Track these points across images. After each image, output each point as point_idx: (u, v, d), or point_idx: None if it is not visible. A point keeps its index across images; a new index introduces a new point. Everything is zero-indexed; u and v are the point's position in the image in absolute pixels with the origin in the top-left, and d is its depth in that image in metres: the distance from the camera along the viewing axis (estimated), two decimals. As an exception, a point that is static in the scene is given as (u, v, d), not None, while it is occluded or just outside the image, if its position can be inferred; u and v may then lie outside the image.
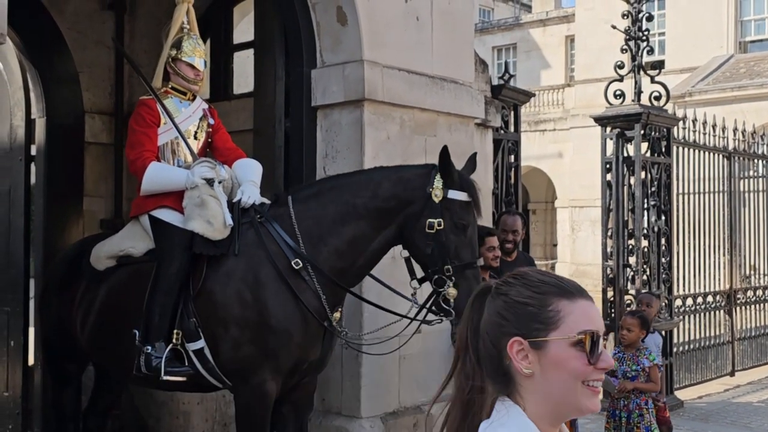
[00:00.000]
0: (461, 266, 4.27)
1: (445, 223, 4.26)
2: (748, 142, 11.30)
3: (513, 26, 33.07)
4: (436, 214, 4.26)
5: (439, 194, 4.27)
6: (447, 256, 4.25)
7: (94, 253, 4.85)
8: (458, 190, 4.31)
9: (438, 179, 4.31)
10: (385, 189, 4.40)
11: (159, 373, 4.28)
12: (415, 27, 6.01)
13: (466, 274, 4.28)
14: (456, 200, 4.30)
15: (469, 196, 4.34)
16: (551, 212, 29.95)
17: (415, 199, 4.32)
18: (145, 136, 4.60)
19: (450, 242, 4.26)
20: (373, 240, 4.40)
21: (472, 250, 4.36)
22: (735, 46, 23.58)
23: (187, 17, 4.88)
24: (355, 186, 4.47)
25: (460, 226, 4.29)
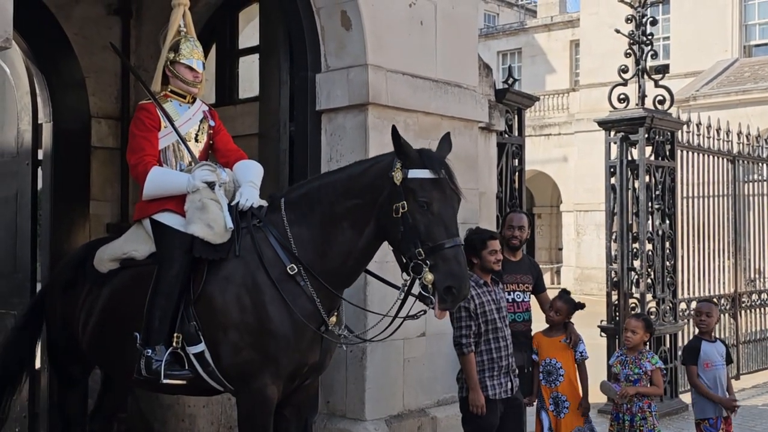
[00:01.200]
0: (434, 247, 4.02)
1: (408, 205, 4.07)
2: (753, 146, 11.31)
3: (518, 31, 33.11)
4: (399, 197, 4.09)
5: (399, 176, 4.11)
6: (417, 239, 4.04)
7: (97, 255, 4.87)
8: (419, 168, 4.12)
9: (397, 161, 4.17)
10: (361, 182, 4.30)
11: (159, 376, 4.28)
12: (419, 31, 6.04)
13: (442, 255, 4.02)
14: (417, 179, 4.09)
15: (433, 172, 4.11)
16: (556, 216, 29.95)
17: (383, 187, 4.19)
18: (145, 140, 4.60)
19: (417, 223, 4.05)
20: (359, 238, 4.30)
21: (444, 227, 4.07)
22: (740, 50, 23.58)
23: (183, 20, 4.88)
24: (337, 185, 4.39)
25: (423, 204, 4.05)
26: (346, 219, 4.31)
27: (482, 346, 5.31)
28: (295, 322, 4.26)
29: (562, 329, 6.01)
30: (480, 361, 5.31)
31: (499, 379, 5.33)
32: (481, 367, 5.31)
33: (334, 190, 4.39)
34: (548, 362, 5.96)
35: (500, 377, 5.33)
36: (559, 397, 5.92)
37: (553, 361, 5.95)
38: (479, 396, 5.24)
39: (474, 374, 5.28)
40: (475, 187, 6.41)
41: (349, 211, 4.30)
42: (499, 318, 5.37)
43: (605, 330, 8.74)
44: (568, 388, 5.92)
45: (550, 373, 5.95)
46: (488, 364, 5.32)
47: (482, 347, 5.31)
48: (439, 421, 6.02)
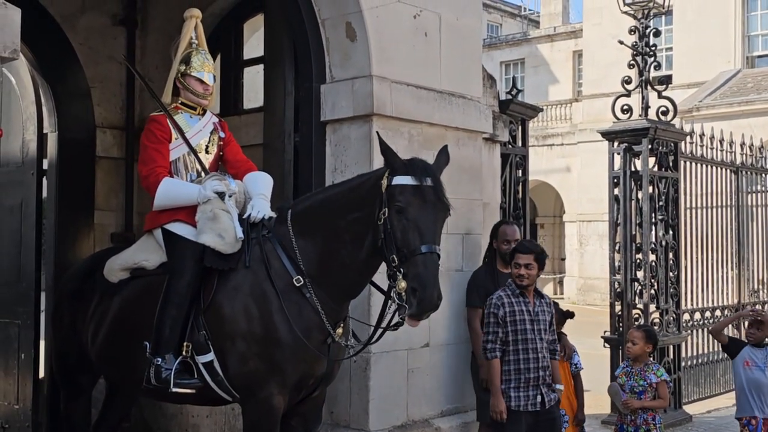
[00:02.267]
0: (407, 254, 3.92)
1: (389, 211, 4.02)
2: (756, 157, 11.31)
3: (521, 41, 33.18)
4: (382, 205, 4.07)
5: (385, 183, 4.09)
6: (394, 245, 3.97)
7: (108, 265, 4.90)
8: (402, 175, 4.05)
9: (386, 170, 4.16)
10: (359, 195, 4.30)
11: (168, 385, 4.30)
12: (423, 43, 6.07)
13: (414, 260, 3.90)
14: (398, 185, 4.03)
15: (415, 179, 4.02)
16: (559, 226, 29.94)
17: (375, 197, 4.17)
18: (156, 152, 4.65)
19: (395, 229, 3.98)
20: (359, 252, 4.28)
21: (419, 233, 3.94)
22: (742, 61, 23.61)
23: (195, 32, 4.92)
24: (339, 198, 4.41)
25: (398, 209, 3.98)
26: (347, 232, 4.30)
27: (510, 356, 5.28)
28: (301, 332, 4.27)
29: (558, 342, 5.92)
30: (506, 370, 5.29)
31: (525, 391, 5.27)
32: (507, 377, 5.28)
33: (336, 203, 4.40)
34: None
35: (527, 389, 5.27)
36: None
37: None
38: (499, 402, 5.24)
39: (496, 380, 5.27)
40: (479, 198, 6.43)
41: (350, 225, 4.29)
42: (532, 330, 5.31)
43: (608, 341, 8.73)
44: (565, 402, 5.86)
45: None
46: (514, 375, 5.28)
47: (510, 357, 5.29)
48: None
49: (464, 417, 6.17)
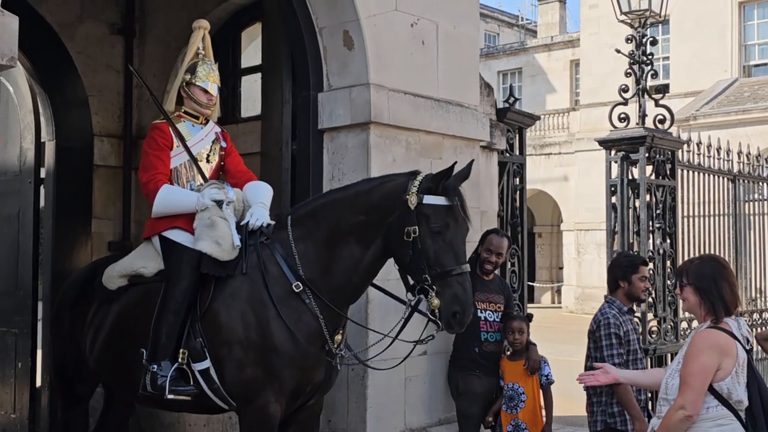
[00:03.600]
0: (442, 273, 4.13)
1: (420, 230, 4.15)
2: (753, 165, 11.32)
3: (518, 51, 33.26)
4: (412, 222, 4.17)
5: (414, 200, 4.19)
6: (426, 264, 4.14)
7: (106, 273, 4.90)
8: (435, 195, 4.21)
9: (414, 185, 4.24)
10: (369, 201, 4.37)
11: (163, 392, 4.30)
12: (420, 51, 6.08)
13: (448, 282, 4.13)
14: (432, 205, 4.19)
15: (448, 200, 4.21)
16: (557, 235, 29.96)
17: (394, 209, 4.26)
18: (157, 159, 4.66)
19: (428, 248, 4.14)
20: (363, 255, 4.36)
21: (454, 254, 4.19)
22: (739, 70, 23.68)
23: (202, 43, 4.96)
24: (344, 201, 4.46)
25: (436, 231, 4.15)
26: (351, 235, 4.36)
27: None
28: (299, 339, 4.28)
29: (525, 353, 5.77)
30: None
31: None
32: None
33: (340, 206, 4.44)
34: (510, 387, 5.74)
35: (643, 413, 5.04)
36: (519, 424, 5.67)
37: (515, 386, 5.73)
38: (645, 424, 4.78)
39: (635, 403, 4.97)
40: (476, 206, 6.42)
41: (355, 228, 4.35)
42: (640, 349, 5.22)
43: (607, 349, 8.71)
44: (529, 416, 5.69)
45: (511, 398, 5.72)
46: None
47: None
48: (441, 440, 6.00)
49: (462, 426, 6.16)
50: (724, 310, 3.81)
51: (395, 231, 4.24)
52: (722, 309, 3.80)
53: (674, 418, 3.71)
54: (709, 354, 3.72)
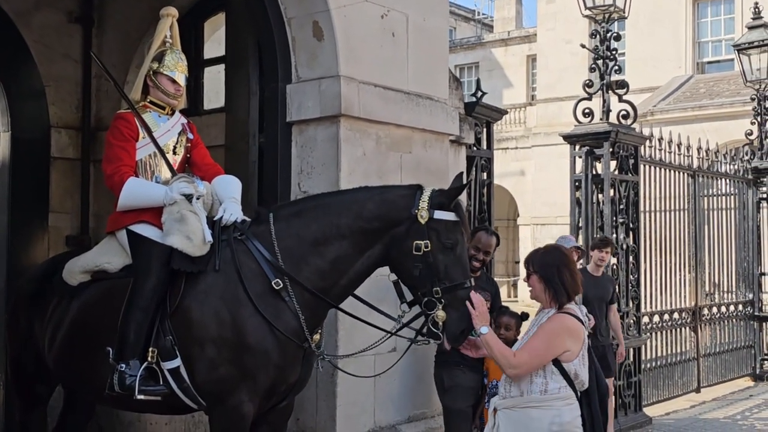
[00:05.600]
0: (451, 287, 4.16)
1: (432, 245, 4.17)
2: (712, 161, 11.46)
3: (475, 45, 33.34)
4: (422, 236, 4.18)
5: (425, 215, 4.20)
6: (436, 278, 4.16)
7: (67, 267, 4.72)
8: (445, 210, 4.24)
9: (423, 200, 4.24)
10: (369, 210, 4.33)
11: (133, 392, 4.16)
12: (391, 43, 5.99)
13: (457, 295, 4.17)
14: (442, 220, 4.21)
15: (457, 215, 4.25)
16: (513, 230, 30.11)
17: (400, 221, 4.26)
18: (122, 150, 4.50)
19: (438, 263, 4.17)
20: (356, 261, 4.33)
21: (462, 269, 4.25)
22: (693, 66, 24.01)
23: (170, 31, 4.79)
24: (339, 206, 4.40)
25: (449, 246, 4.19)
26: (346, 239, 4.31)
27: None
28: (275, 338, 4.18)
29: None
30: None
31: None
32: None
33: (335, 209, 4.37)
34: (495, 385, 5.61)
35: None
36: None
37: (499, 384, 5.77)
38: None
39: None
40: (445, 201, 6.36)
41: (353, 233, 4.31)
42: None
43: (570, 344, 8.72)
44: None
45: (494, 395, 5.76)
46: None
47: None
48: (410, 438, 5.94)
49: (430, 423, 6.10)
50: (567, 296, 4.13)
51: (401, 243, 4.24)
52: (565, 296, 4.13)
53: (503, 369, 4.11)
54: (560, 336, 4.07)
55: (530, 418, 4.03)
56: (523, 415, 4.05)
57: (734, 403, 10.47)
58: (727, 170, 11.96)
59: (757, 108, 12.88)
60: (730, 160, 12.08)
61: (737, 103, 19.37)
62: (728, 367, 11.61)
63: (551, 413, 4.02)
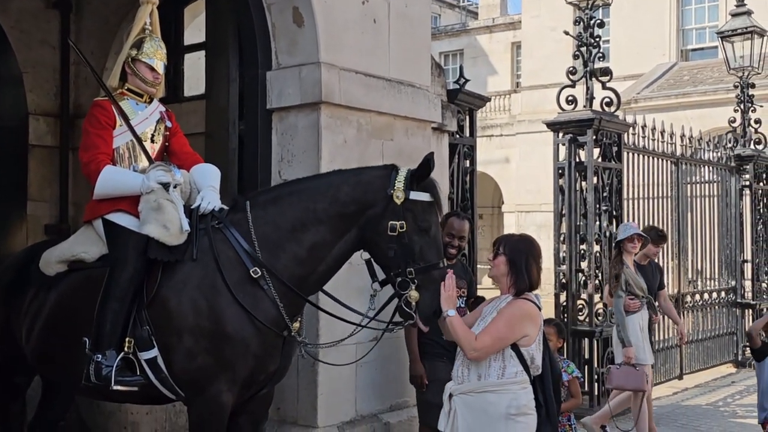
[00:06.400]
0: (426, 267, 4.13)
1: (407, 225, 4.13)
2: (695, 148, 11.47)
3: (460, 32, 33.28)
4: (398, 216, 4.14)
5: (401, 196, 4.16)
6: (410, 258, 4.12)
7: (44, 257, 4.66)
8: (420, 191, 4.20)
9: (399, 181, 4.19)
10: (345, 193, 4.29)
11: (109, 383, 4.12)
12: (372, 29, 5.94)
13: (431, 275, 4.14)
14: (418, 201, 4.17)
15: (432, 196, 4.22)
16: (498, 217, 30.16)
17: (375, 202, 4.22)
18: (99, 138, 4.43)
19: (414, 244, 4.13)
20: (334, 245, 4.29)
21: (437, 250, 4.22)
22: (677, 54, 24.04)
23: (150, 18, 4.72)
24: (315, 191, 4.35)
25: (424, 227, 4.16)
26: (323, 224, 4.26)
27: None
28: (254, 327, 4.13)
29: None
30: None
31: None
32: None
33: (311, 195, 4.32)
34: None
35: None
36: None
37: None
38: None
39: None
40: (427, 189, 6.32)
41: (329, 218, 4.26)
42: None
43: (553, 331, 8.72)
44: None
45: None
46: None
47: None
48: (392, 426, 5.92)
49: (412, 411, 6.07)
50: (528, 286, 4.21)
51: (376, 224, 4.19)
52: (526, 285, 4.21)
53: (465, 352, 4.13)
54: (521, 321, 4.15)
55: (488, 402, 4.10)
56: (481, 400, 4.11)
57: (717, 389, 10.51)
58: (711, 158, 11.98)
59: (741, 95, 12.91)
60: (714, 148, 12.10)
61: (721, 90, 19.41)
62: (711, 353, 11.66)
63: (508, 396, 4.09)
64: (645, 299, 7.44)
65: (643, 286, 7.43)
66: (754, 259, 12.66)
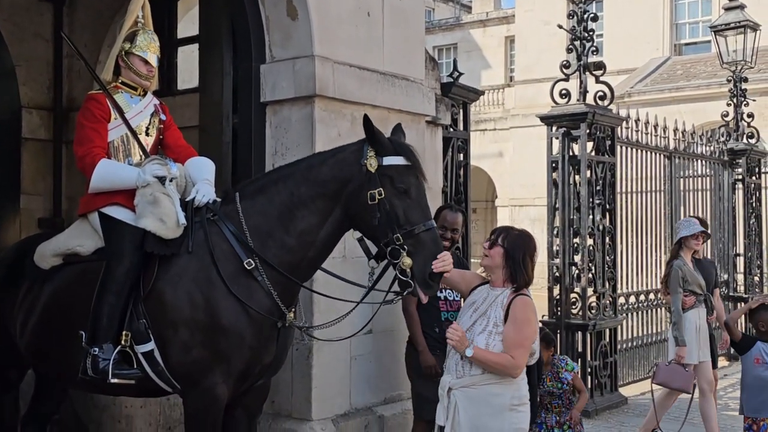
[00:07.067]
0: (411, 231, 4.05)
1: (385, 191, 4.09)
2: (688, 142, 11.50)
3: (453, 26, 33.28)
4: (375, 185, 4.11)
5: (374, 163, 4.13)
6: (395, 224, 4.07)
7: (38, 251, 4.66)
8: (393, 155, 4.17)
9: (369, 149, 4.18)
10: (324, 173, 4.28)
11: (106, 376, 4.12)
12: (366, 23, 5.93)
13: (420, 238, 4.06)
14: (392, 165, 4.14)
15: (406, 159, 4.18)
16: (491, 211, 30.20)
17: (352, 176, 4.19)
18: (94, 131, 4.43)
19: (396, 208, 4.09)
20: (321, 228, 4.26)
21: (421, 211, 4.13)
22: (670, 48, 24.09)
23: (142, 11, 4.71)
24: (297, 175, 4.34)
25: (401, 190, 4.11)
26: (307, 208, 4.25)
27: None
28: (250, 319, 4.14)
29: None
30: None
31: None
32: None
33: (293, 180, 4.31)
34: None
35: None
36: None
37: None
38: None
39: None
40: (421, 182, 6.32)
41: (311, 200, 4.25)
42: None
43: (547, 325, 8.74)
44: None
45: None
46: None
47: None
48: (386, 419, 5.93)
49: (407, 404, 6.09)
50: (525, 283, 4.23)
51: (356, 197, 4.17)
52: (524, 281, 4.23)
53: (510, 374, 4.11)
54: (534, 320, 4.26)
55: (492, 394, 4.12)
56: (484, 392, 4.12)
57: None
58: (703, 152, 12.01)
59: (733, 90, 12.94)
60: (706, 142, 12.13)
61: (714, 84, 19.45)
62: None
63: (512, 388, 4.15)
64: (702, 296, 7.25)
65: (701, 283, 7.25)
66: (746, 253, 12.70)
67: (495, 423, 4.11)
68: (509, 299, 4.21)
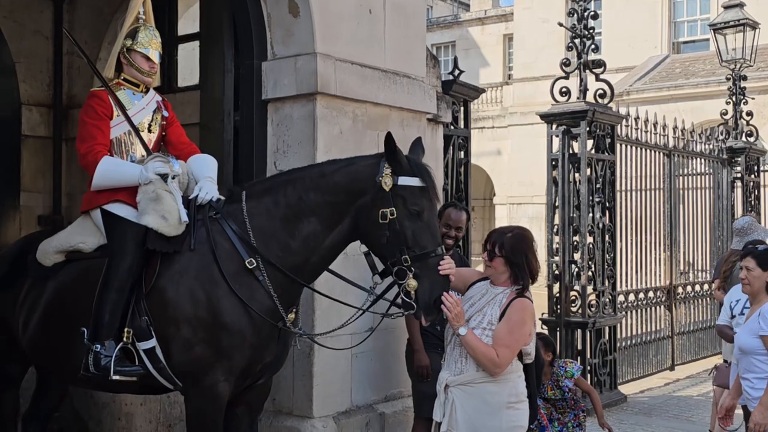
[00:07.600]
0: (420, 255, 4.04)
1: (397, 211, 4.07)
2: (687, 140, 11.50)
3: (452, 24, 33.25)
4: (387, 203, 4.08)
5: (389, 182, 4.11)
6: (404, 245, 4.05)
7: (41, 248, 4.66)
8: (409, 176, 4.15)
9: (386, 167, 4.15)
10: (335, 182, 4.26)
11: (108, 373, 4.13)
12: (367, 20, 5.93)
13: (427, 263, 4.04)
14: (407, 186, 4.11)
15: (422, 180, 4.14)
16: (490, 209, 30.20)
17: (365, 191, 4.17)
18: (96, 128, 4.42)
19: (406, 230, 4.06)
20: (326, 236, 4.26)
21: (431, 236, 4.12)
22: (669, 46, 24.09)
23: (143, 8, 4.71)
24: (307, 180, 4.32)
25: (414, 212, 4.08)
26: (315, 215, 4.23)
27: None
28: (251, 318, 4.14)
29: None
30: None
31: None
32: None
33: (303, 185, 4.29)
34: None
35: None
36: None
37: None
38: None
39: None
40: (422, 180, 6.32)
41: (320, 208, 4.23)
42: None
43: (546, 323, 8.76)
44: None
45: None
46: None
47: None
48: (386, 417, 5.93)
49: (407, 402, 6.09)
50: (531, 279, 4.26)
51: (367, 213, 4.15)
52: (529, 279, 4.25)
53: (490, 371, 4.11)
54: (529, 324, 4.23)
55: (489, 392, 4.14)
56: (481, 390, 4.14)
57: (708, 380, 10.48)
58: (702, 150, 12.01)
59: (732, 88, 12.94)
60: (705, 140, 12.13)
61: (712, 83, 19.46)
62: (702, 345, 11.70)
63: (509, 386, 4.18)
64: None
65: None
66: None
67: (492, 421, 4.12)
68: (509, 299, 4.21)
